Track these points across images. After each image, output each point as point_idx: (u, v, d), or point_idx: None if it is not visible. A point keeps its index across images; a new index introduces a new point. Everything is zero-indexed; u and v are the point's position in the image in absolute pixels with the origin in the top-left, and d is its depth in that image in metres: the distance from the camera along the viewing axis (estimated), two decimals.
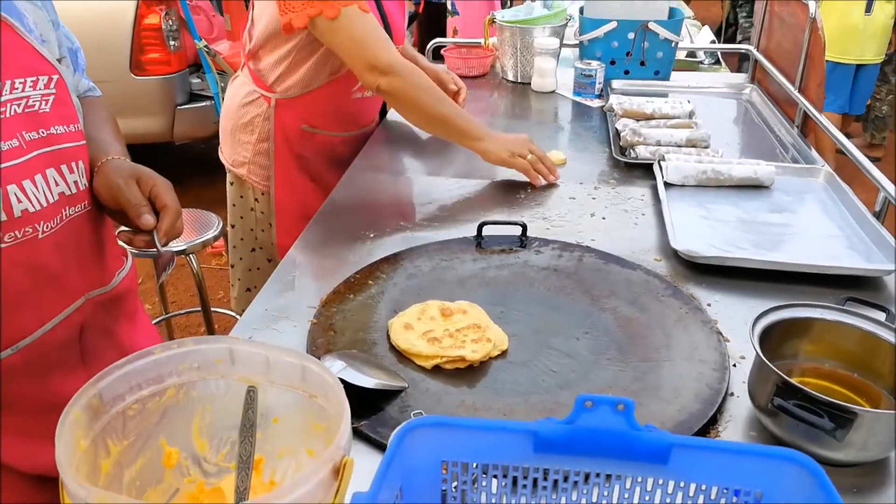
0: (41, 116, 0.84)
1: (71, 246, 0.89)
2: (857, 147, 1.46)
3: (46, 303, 0.87)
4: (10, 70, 0.81)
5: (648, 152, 1.53)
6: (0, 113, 0.79)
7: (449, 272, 1.15)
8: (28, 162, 0.82)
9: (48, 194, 0.84)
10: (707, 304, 1.07)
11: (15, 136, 0.81)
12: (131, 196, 0.88)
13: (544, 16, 2.06)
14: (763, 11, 2.06)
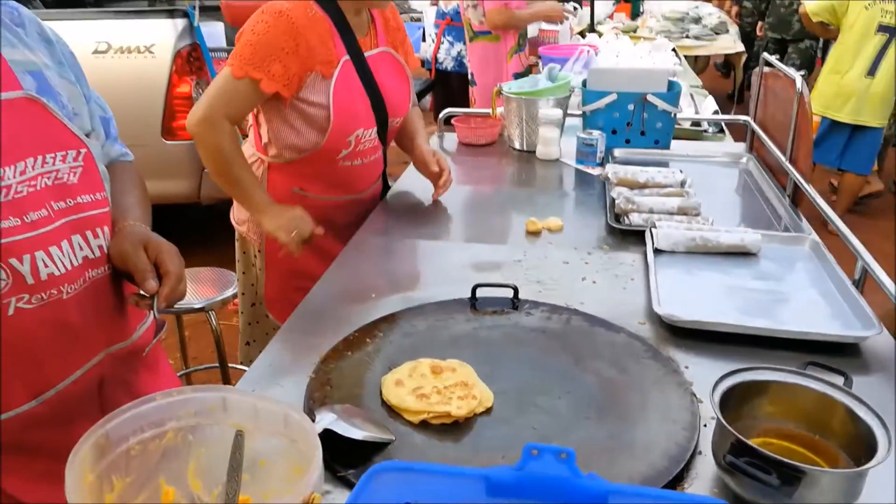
0: (69, 187, 0.94)
1: (92, 305, 0.97)
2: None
3: (68, 358, 0.95)
4: (42, 146, 0.91)
5: (641, 219, 1.60)
6: (31, 186, 0.89)
7: (443, 332, 1.23)
8: (55, 230, 0.91)
9: (73, 259, 0.93)
10: (685, 367, 1.13)
11: (44, 207, 0.90)
12: (138, 262, 0.96)
13: (548, 88, 2.18)
14: (759, 84, 2.15)
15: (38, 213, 0.89)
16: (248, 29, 1.54)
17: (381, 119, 1.71)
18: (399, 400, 1.02)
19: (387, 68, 1.73)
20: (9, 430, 0.89)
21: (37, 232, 0.88)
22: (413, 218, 1.80)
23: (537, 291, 1.37)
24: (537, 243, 1.61)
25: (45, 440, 0.94)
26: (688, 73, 3.78)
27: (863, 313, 1.21)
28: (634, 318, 1.27)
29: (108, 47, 3.24)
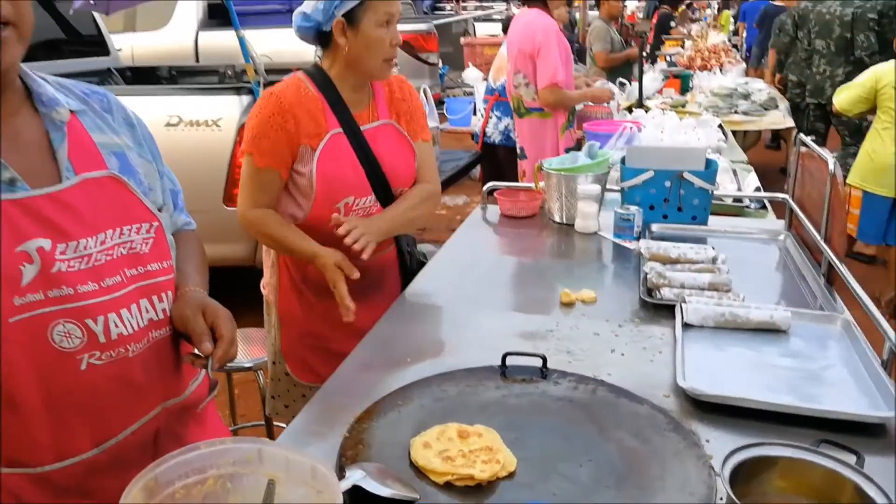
0: (141, 256, 1.05)
1: (153, 362, 1.07)
2: None
3: (130, 411, 1.05)
4: (121, 219, 1.03)
5: (672, 294, 1.65)
6: (109, 255, 1.00)
7: (472, 397, 1.28)
8: (127, 294, 1.01)
9: (140, 320, 1.03)
10: (706, 440, 1.15)
11: (118, 273, 1.01)
12: (197, 326, 1.06)
13: (587, 165, 2.26)
14: (796, 163, 2.19)
15: (113, 279, 1.00)
16: (250, 114, 1.76)
17: (380, 188, 1.81)
18: (426, 461, 1.08)
19: (386, 139, 1.84)
20: (73, 474, 0.98)
21: (111, 296, 0.99)
22: (454, 284, 1.87)
23: (566, 361, 1.42)
24: (570, 314, 1.66)
25: (102, 486, 1.02)
26: (733, 149, 3.82)
27: (888, 394, 1.22)
28: (659, 391, 1.31)
29: (179, 120, 3.50)
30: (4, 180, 0.92)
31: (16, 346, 0.92)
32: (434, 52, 7.06)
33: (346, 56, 1.75)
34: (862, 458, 0.96)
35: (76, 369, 0.96)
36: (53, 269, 0.94)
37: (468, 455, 1.09)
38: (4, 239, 0.91)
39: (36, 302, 0.93)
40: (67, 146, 1.00)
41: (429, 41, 6.77)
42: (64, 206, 0.97)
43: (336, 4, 1.69)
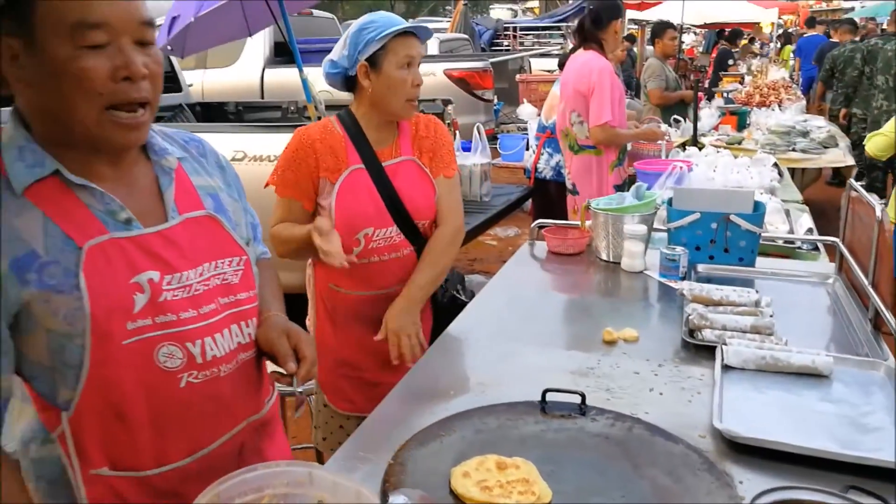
0: (232, 286, 1.18)
1: (241, 381, 1.20)
2: None
3: (219, 425, 1.18)
4: (216, 254, 1.17)
5: (714, 335, 1.67)
6: (206, 285, 1.13)
7: (512, 431, 1.34)
8: (220, 320, 1.14)
9: (230, 343, 1.16)
10: (740, 482, 1.18)
11: (213, 302, 1.14)
12: (281, 347, 1.21)
13: (634, 205, 2.31)
14: (846, 207, 2.19)
15: (209, 307, 1.13)
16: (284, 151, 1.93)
17: (401, 219, 1.92)
18: (465, 490, 1.14)
19: (407, 174, 1.94)
20: (169, 479, 1.11)
21: (207, 322, 1.12)
22: (499, 319, 1.93)
23: (605, 399, 1.46)
24: (612, 352, 1.70)
25: (193, 491, 1.11)
26: (788, 188, 3.79)
27: None
28: (696, 431, 1.34)
29: (244, 155, 3.68)
30: (122, 220, 1.06)
31: (127, 366, 1.05)
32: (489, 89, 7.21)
33: (370, 97, 1.87)
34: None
35: (176, 387, 1.09)
36: (161, 298, 1.07)
37: (505, 486, 1.15)
38: (121, 272, 1.04)
39: (145, 327, 1.05)
40: (174, 189, 1.15)
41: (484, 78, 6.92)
42: (170, 243, 1.10)
43: (360, 49, 1.82)
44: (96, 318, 1.01)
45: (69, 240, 1.02)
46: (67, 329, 1.00)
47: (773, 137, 5.25)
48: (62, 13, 0.95)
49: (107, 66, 0.98)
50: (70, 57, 0.96)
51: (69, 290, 1.00)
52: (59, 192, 1.03)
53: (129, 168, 1.11)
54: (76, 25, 0.95)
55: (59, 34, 0.95)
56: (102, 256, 1.03)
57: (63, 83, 0.97)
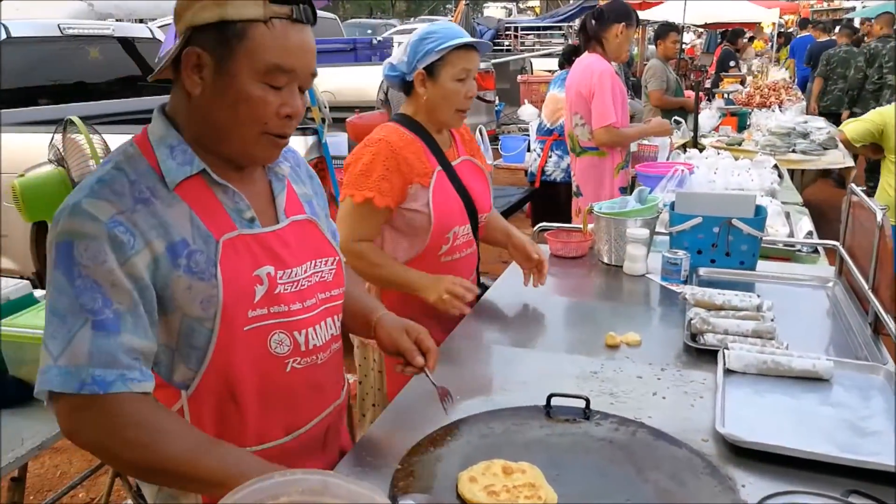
0: (327, 283, 1.30)
1: (332, 369, 1.32)
2: None
3: (314, 407, 1.30)
4: (316, 253, 1.28)
5: (716, 340, 1.69)
6: (309, 281, 1.25)
7: (517, 435, 1.36)
8: (319, 313, 1.26)
9: (326, 334, 1.28)
10: (742, 485, 1.20)
11: (314, 296, 1.26)
12: (405, 344, 1.37)
13: (636, 209, 2.32)
14: (847, 211, 2.21)
15: (311, 301, 1.25)
16: (356, 160, 1.90)
17: (472, 216, 2.02)
18: (471, 494, 1.16)
19: (470, 173, 2.06)
20: (269, 455, 1.16)
21: (310, 314, 1.24)
22: (502, 324, 1.96)
23: (609, 403, 1.48)
24: (615, 356, 1.72)
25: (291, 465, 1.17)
26: (788, 190, 3.81)
27: None
28: (699, 435, 1.36)
29: None
30: (247, 219, 1.19)
31: (245, 350, 1.16)
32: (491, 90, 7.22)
33: (424, 104, 1.95)
34: None
35: (283, 371, 1.21)
36: (276, 290, 1.18)
37: (512, 490, 1.17)
38: (246, 264, 1.16)
39: (262, 315, 1.17)
40: (285, 194, 1.28)
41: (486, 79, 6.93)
42: (282, 241, 1.22)
43: (419, 58, 1.90)
44: (226, 305, 1.12)
45: (209, 233, 1.14)
46: (201, 314, 1.11)
47: (773, 139, 5.27)
48: (265, 54, 1.10)
49: (277, 103, 1.13)
50: (254, 88, 1.10)
51: (208, 279, 1.11)
52: (202, 189, 1.16)
53: (251, 173, 1.24)
54: (272, 67, 1.10)
55: (255, 68, 1.10)
56: (233, 250, 1.15)
57: (240, 105, 1.11)
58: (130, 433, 1.04)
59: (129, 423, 1.04)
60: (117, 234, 1.05)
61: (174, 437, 1.06)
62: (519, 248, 2.11)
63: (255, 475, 0.97)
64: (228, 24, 1.08)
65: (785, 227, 2.86)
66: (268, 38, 1.09)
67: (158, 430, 1.05)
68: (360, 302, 1.47)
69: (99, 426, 1.04)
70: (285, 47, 1.11)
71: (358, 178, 1.89)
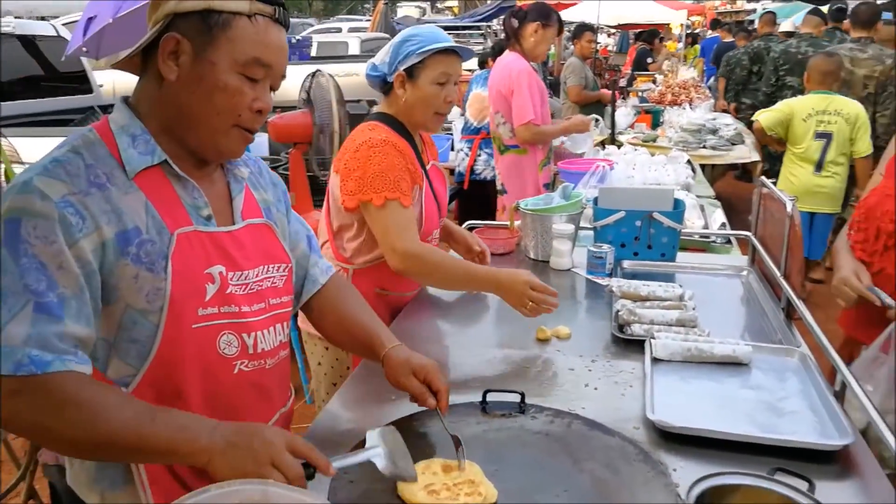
0: (278, 289, 1.29)
1: (279, 375, 1.31)
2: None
3: (261, 413, 1.28)
4: (269, 258, 1.28)
5: (642, 330, 1.74)
6: (260, 285, 1.24)
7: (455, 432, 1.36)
8: (268, 318, 1.25)
9: (274, 340, 1.27)
10: (673, 469, 1.24)
11: (264, 301, 1.25)
12: (414, 388, 1.33)
13: (561, 205, 2.37)
14: (758, 202, 2.32)
15: (260, 305, 1.24)
16: (364, 163, 1.83)
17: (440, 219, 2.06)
18: (411, 495, 1.15)
19: (436, 177, 2.09)
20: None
21: (259, 318, 1.23)
22: (433, 323, 1.96)
23: (543, 396, 1.50)
24: (546, 349, 1.75)
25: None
26: (701, 184, 3.97)
27: (840, 423, 1.32)
28: (630, 423, 1.39)
29: None
30: (204, 216, 1.18)
31: (192, 348, 1.14)
32: None
33: (403, 105, 1.95)
34: (813, 484, 1.05)
35: (230, 372, 1.20)
36: (227, 290, 1.17)
37: (452, 488, 1.17)
38: (199, 261, 1.15)
39: (213, 314, 1.16)
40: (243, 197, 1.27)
41: None
42: (236, 243, 1.22)
43: (400, 59, 1.90)
44: (174, 299, 1.11)
45: (163, 225, 1.12)
46: (146, 306, 1.09)
47: (685, 135, 5.49)
48: (247, 46, 1.11)
49: (251, 96, 1.14)
50: (232, 78, 1.11)
51: (158, 271, 1.10)
52: (161, 180, 1.15)
53: (210, 171, 1.24)
54: (252, 60, 1.12)
55: (234, 58, 1.11)
56: (188, 244, 1.14)
57: (216, 94, 1.11)
58: (71, 411, 0.99)
59: (69, 402, 1.00)
60: (66, 214, 1.03)
61: (115, 409, 1.02)
62: (461, 240, 2.17)
63: (203, 439, 1.00)
64: (213, 13, 1.10)
65: (700, 220, 2.98)
66: (250, 32, 1.12)
67: (99, 403, 1.01)
68: (367, 329, 1.44)
69: (37, 407, 0.99)
70: (266, 42, 1.13)
71: (378, 183, 1.81)
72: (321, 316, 1.49)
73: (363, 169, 1.83)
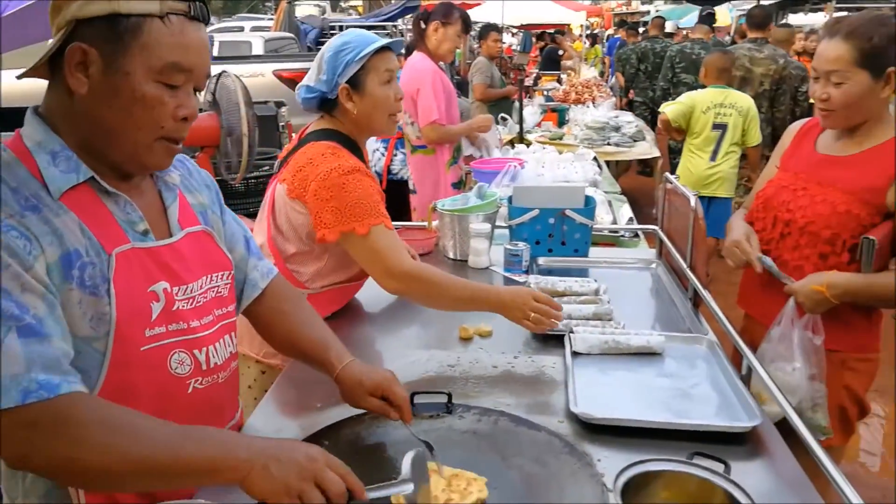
0: (223, 298, 1.24)
1: (230, 388, 1.28)
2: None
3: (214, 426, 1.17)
4: (211, 267, 1.22)
5: (561, 325, 1.78)
6: (205, 297, 1.19)
7: (383, 437, 1.35)
8: (217, 330, 1.21)
9: (225, 353, 1.22)
10: (598, 459, 1.28)
11: (210, 313, 1.20)
12: (373, 407, 1.30)
13: (477, 205, 2.40)
14: (663, 198, 2.42)
15: (208, 318, 1.19)
16: (338, 192, 1.72)
17: None
18: None
19: None
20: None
21: (209, 331, 1.18)
22: (355, 327, 1.94)
23: (469, 394, 1.52)
24: (469, 348, 1.76)
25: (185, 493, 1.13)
26: (608, 180, 4.11)
27: (748, 406, 1.40)
28: (555, 417, 1.43)
29: None
30: (140, 231, 1.12)
31: (143, 372, 1.09)
32: None
33: (355, 118, 1.84)
34: (728, 466, 1.11)
35: (185, 392, 1.15)
36: (174, 307, 1.12)
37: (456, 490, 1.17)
38: (141, 280, 1.09)
39: (161, 334, 1.10)
40: (177, 205, 1.20)
41: None
42: (177, 255, 1.16)
43: (339, 72, 1.79)
44: (120, 323, 1.05)
45: (100, 245, 1.06)
46: (90, 333, 1.03)
47: (590, 133, 5.67)
48: (162, 51, 1.03)
49: (173, 104, 1.07)
50: (150, 87, 1.03)
51: (101, 294, 1.04)
52: (90, 198, 1.08)
53: (139, 182, 1.17)
54: (169, 65, 1.04)
55: (150, 66, 1.03)
56: (127, 264, 1.08)
57: (134, 106, 1.03)
58: (96, 434, 0.91)
59: (92, 422, 0.92)
60: (11, 238, 0.95)
61: (148, 430, 0.95)
62: None
63: (242, 453, 0.94)
64: (121, 17, 1.00)
65: (609, 215, 3.08)
66: (165, 35, 1.03)
67: (129, 424, 0.94)
68: (318, 346, 1.38)
69: (57, 436, 0.90)
70: (183, 44, 1.05)
71: (355, 210, 1.72)
72: (268, 327, 1.44)
73: (339, 199, 1.72)
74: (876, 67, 1.73)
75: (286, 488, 0.92)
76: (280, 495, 0.92)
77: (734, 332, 1.63)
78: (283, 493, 0.92)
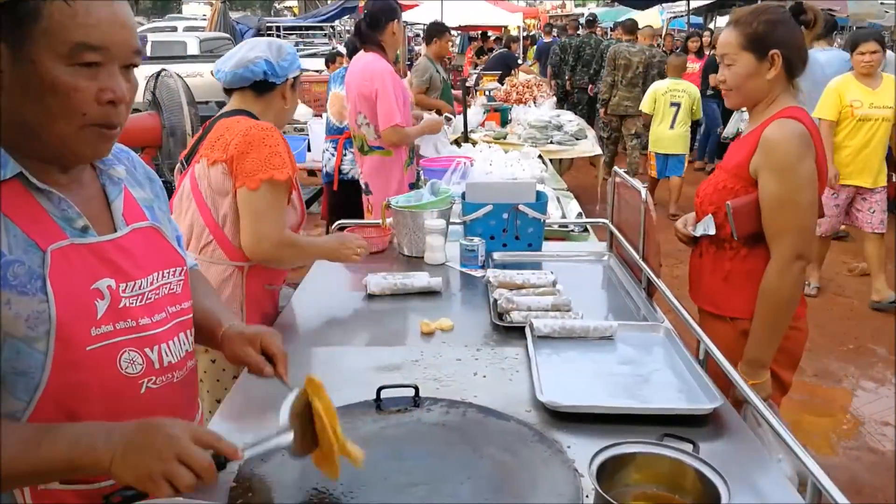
0: (176, 295, 1.20)
1: (188, 387, 1.24)
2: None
3: None
4: (162, 263, 1.18)
5: (521, 317, 1.80)
6: (156, 294, 1.15)
7: (352, 433, 1.32)
8: (171, 328, 1.17)
9: (180, 351, 1.19)
10: (567, 446, 1.29)
11: (164, 310, 1.16)
12: (251, 358, 1.30)
13: (431, 202, 2.40)
14: (612, 192, 2.47)
15: (160, 315, 1.15)
16: (259, 144, 1.82)
17: None
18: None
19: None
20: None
21: (161, 329, 1.15)
22: (315, 324, 1.91)
23: (435, 388, 1.51)
24: (432, 342, 1.76)
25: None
26: (554, 177, 4.18)
27: (707, 388, 1.44)
28: (522, 406, 1.44)
29: None
30: (79, 227, 1.06)
31: (90, 373, 1.04)
32: None
33: (277, 111, 1.99)
34: (697, 446, 1.14)
35: (137, 393, 1.10)
36: (120, 304, 1.08)
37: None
38: (83, 277, 1.04)
39: (108, 333, 1.06)
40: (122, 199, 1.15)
41: None
42: (123, 251, 1.11)
43: (294, 67, 1.97)
44: (62, 323, 1.01)
45: (31, 242, 1.01)
46: (28, 333, 0.99)
47: (533, 131, 5.74)
48: (66, 32, 0.96)
49: (94, 88, 0.99)
50: (62, 74, 0.97)
51: (34, 293, 0.99)
52: (19, 195, 1.02)
53: (79, 176, 1.11)
54: (77, 46, 0.97)
55: (56, 50, 0.96)
56: (65, 261, 1.03)
57: (49, 97, 0.97)
58: None
59: None
60: None
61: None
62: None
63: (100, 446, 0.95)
64: (19, 3, 0.94)
65: (558, 211, 3.13)
66: (67, 15, 0.96)
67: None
68: (207, 313, 1.37)
69: None
70: (91, 23, 0.97)
71: (274, 159, 1.83)
72: None
73: (259, 150, 1.82)
74: (759, 49, 1.86)
75: (148, 473, 0.93)
76: (144, 481, 0.93)
77: (689, 317, 1.68)
78: (147, 479, 0.93)
